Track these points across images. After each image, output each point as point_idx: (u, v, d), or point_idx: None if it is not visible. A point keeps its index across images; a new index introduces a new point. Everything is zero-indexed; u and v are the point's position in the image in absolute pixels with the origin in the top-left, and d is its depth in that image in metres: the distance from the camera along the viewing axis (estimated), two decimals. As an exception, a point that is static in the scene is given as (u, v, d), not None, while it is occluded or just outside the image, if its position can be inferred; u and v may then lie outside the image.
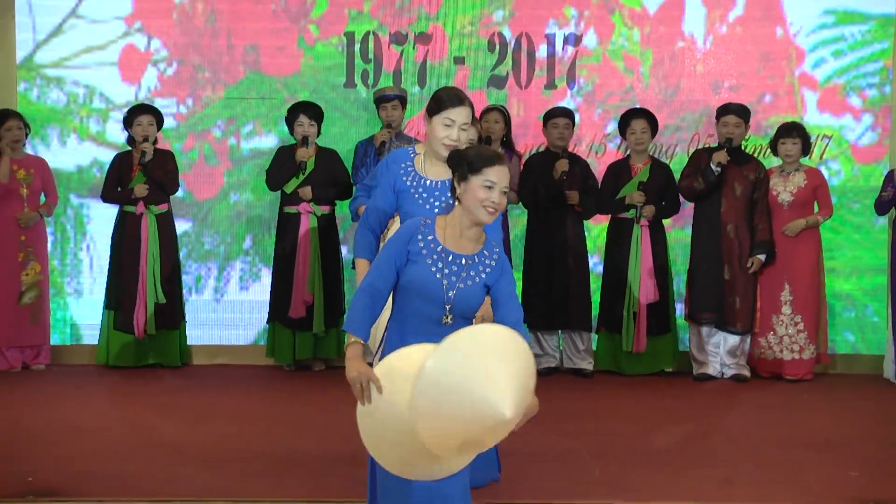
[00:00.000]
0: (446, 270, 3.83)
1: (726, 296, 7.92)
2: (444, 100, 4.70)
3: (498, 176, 3.78)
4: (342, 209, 8.21)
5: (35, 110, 8.41)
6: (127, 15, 8.47)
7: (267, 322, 8.18)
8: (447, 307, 3.83)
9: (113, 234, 8.11)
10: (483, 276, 3.86)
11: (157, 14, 8.48)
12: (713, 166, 7.81)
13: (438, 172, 4.70)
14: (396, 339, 3.91)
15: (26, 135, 8.08)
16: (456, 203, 3.86)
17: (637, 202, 7.84)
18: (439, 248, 3.84)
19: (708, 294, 7.94)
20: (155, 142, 8.02)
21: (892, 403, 7.41)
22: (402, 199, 4.76)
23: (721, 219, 7.93)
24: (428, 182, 4.75)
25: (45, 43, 8.47)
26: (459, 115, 4.66)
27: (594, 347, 8.21)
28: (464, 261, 3.85)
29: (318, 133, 8.07)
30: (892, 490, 5.23)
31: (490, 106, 8.03)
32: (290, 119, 8.02)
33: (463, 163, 3.83)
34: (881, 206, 7.93)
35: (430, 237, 3.86)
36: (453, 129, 4.64)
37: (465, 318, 3.88)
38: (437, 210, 4.53)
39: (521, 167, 8.07)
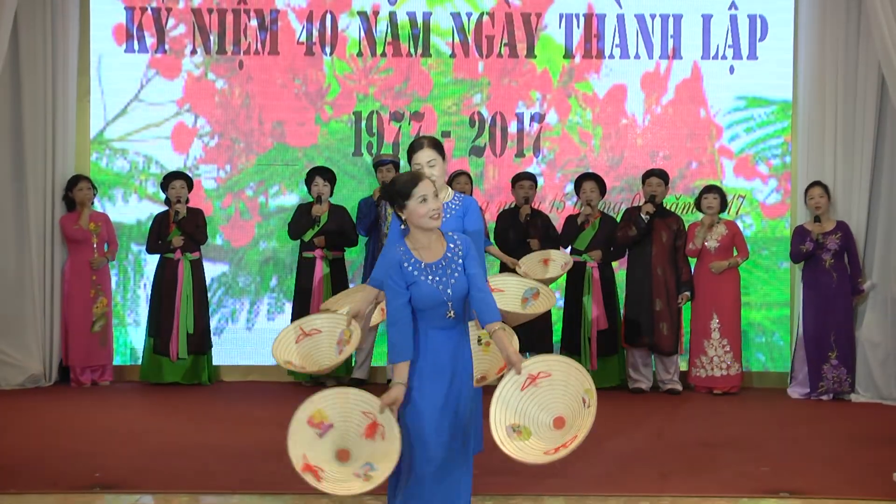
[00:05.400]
0: (437, 278, 3.86)
1: (657, 324, 7.96)
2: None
3: (425, 189, 3.82)
4: (350, 255, 8.24)
5: (104, 175, 8.45)
6: (178, 98, 8.53)
7: (288, 346, 8.16)
8: (449, 304, 3.86)
9: (154, 277, 8.10)
10: (460, 263, 3.91)
11: (202, 98, 8.54)
12: (642, 215, 7.91)
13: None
14: (421, 338, 3.90)
15: (94, 194, 8.14)
16: (409, 227, 3.87)
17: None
18: (423, 265, 3.86)
19: (641, 323, 7.98)
20: (187, 201, 8.05)
21: (794, 411, 7.41)
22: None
23: (652, 261, 7.99)
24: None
25: (113, 121, 8.52)
26: (422, 156, 4.69)
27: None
28: (443, 263, 3.88)
29: (332, 193, 8.11)
30: (797, 482, 5.25)
31: (459, 171, 8.10)
32: (308, 180, 8.06)
33: (395, 196, 3.84)
34: (800, 256, 7.89)
35: (412, 260, 3.87)
36: (423, 168, 4.64)
37: (460, 303, 3.91)
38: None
39: (495, 219, 8.12)
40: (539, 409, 3.90)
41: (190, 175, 8.18)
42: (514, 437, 3.83)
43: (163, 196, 8.31)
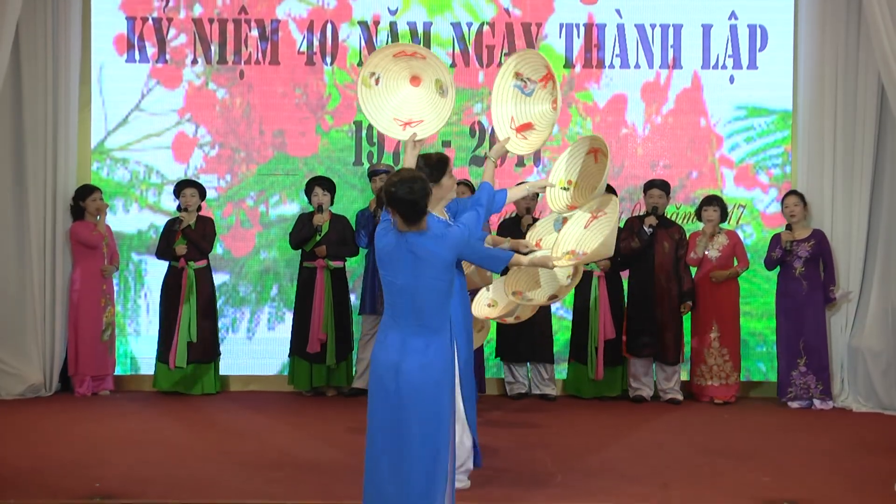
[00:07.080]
0: None
1: (660, 333, 7.96)
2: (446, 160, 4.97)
3: None
4: (351, 264, 8.25)
5: (105, 185, 8.44)
6: (179, 108, 8.54)
7: (289, 356, 8.17)
8: None
9: (162, 285, 8.13)
10: None
11: (203, 107, 8.56)
12: (646, 228, 7.92)
13: None
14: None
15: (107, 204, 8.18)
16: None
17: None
18: None
19: (645, 332, 7.97)
20: (199, 209, 8.08)
21: (794, 421, 7.40)
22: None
23: (655, 271, 8.00)
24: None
25: (114, 131, 8.53)
26: None
27: (565, 377, 8.20)
28: None
29: (332, 202, 8.12)
30: (798, 492, 5.25)
31: (460, 181, 8.09)
32: (308, 190, 8.08)
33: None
34: (771, 263, 8.00)
35: None
36: None
37: None
38: None
39: (497, 229, 8.12)
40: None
41: (202, 184, 8.19)
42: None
43: (165, 205, 8.33)
